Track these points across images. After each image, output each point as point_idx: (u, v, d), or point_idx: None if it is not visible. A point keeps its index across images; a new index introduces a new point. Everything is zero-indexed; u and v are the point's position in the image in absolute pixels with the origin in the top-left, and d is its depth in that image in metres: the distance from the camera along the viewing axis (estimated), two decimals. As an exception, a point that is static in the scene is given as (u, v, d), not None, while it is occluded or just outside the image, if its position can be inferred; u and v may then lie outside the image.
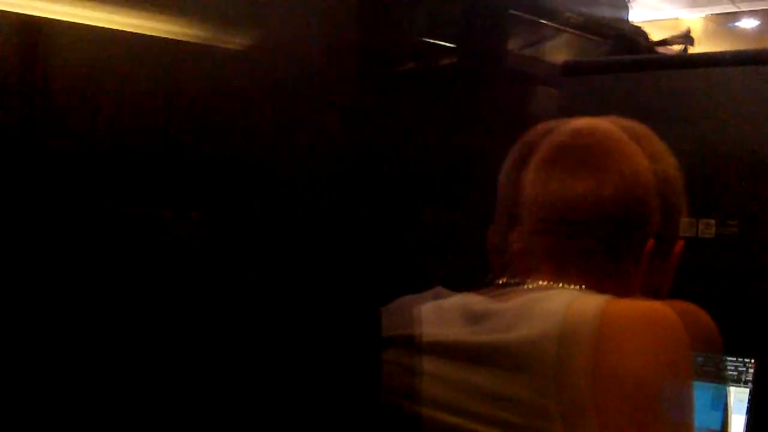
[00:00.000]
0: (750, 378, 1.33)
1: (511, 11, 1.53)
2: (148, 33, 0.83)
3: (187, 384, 0.81)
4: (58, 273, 0.85)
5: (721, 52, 1.50)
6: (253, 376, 0.81)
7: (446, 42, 1.08)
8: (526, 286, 1.06)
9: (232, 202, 0.81)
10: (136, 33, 0.84)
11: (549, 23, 1.85)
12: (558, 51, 1.87)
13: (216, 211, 0.82)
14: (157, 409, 0.81)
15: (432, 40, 1.05)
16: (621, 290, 1.02)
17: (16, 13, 0.80)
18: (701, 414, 1.09)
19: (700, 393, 1.03)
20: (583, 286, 1.04)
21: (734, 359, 1.31)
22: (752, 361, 1.33)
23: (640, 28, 2.17)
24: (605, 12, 2.06)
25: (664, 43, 2.24)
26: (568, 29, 1.92)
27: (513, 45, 1.70)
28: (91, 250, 0.84)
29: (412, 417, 1.02)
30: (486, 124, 1.19)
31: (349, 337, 0.82)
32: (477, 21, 1.10)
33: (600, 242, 1.05)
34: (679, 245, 1.11)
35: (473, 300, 1.06)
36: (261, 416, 0.81)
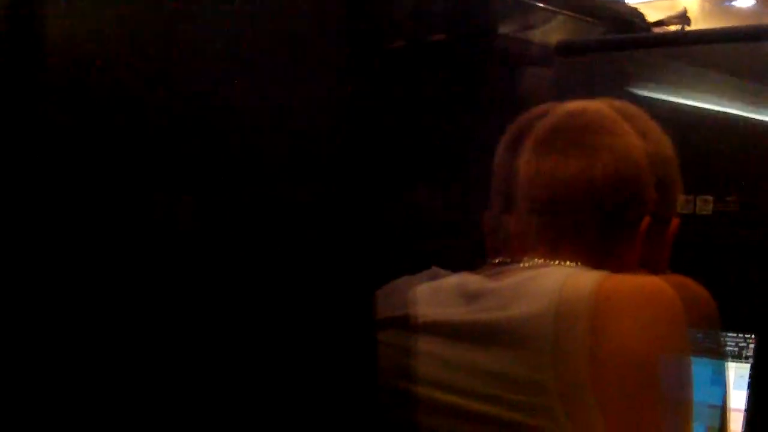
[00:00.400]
0: (750, 354, 1.34)
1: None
2: None
3: (182, 368, 0.81)
4: (53, 263, 0.86)
5: (716, 29, 1.50)
6: (247, 360, 0.81)
7: (437, 19, 1.09)
8: (521, 265, 1.06)
9: (222, 186, 0.81)
10: None
11: (544, 5, 1.84)
12: (553, 33, 1.86)
13: (206, 195, 0.82)
14: (150, 392, 0.81)
15: (422, 17, 1.05)
16: (617, 267, 1.03)
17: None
18: (701, 390, 1.09)
19: (700, 369, 1.04)
20: (579, 264, 1.04)
21: (734, 335, 1.31)
22: (753, 336, 1.33)
23: (636, 9, 2.16)
24: (601, -7, 2.06)
25: (660, 23, 2.24)
26: (563, 11, 1.91)
27: (508, 27, 1.70)
28: (83, 237, 0.85)
29: (409, 397, 1.02)
30: (478, 104, 1.19)
31: (345, 319, 0.83)
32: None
33: (593, 220, 1.05)
34: (675, 223, 1.11)
35: (469, 279, 1.07)
36: (256, 400, 0.81)
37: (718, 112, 1.44)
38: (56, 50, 0.92)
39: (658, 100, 1.21)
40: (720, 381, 1.24)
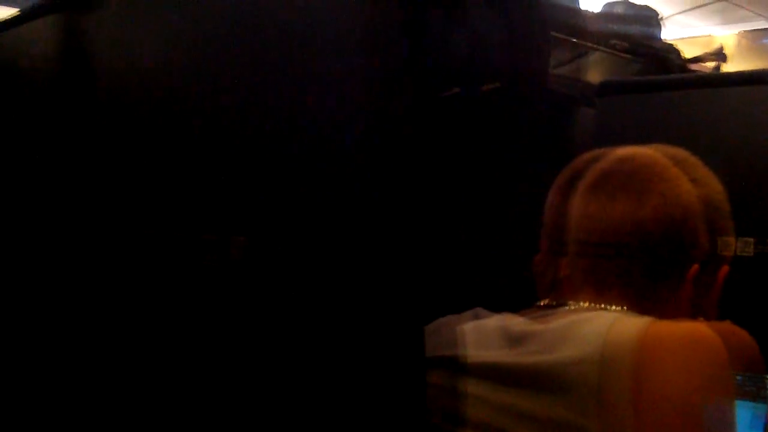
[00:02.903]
0: (791, 397, 1.32)
1: (553, 33, 1.54)
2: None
3: (232, 409, 0.82)
4: (104, 298, 0.87)
5: (757, 71, 1.50)
6: (300, 398, 0.81)
7: (489, 66, 1.10)
8: (567, 308, 1.06)
9: (276, 224, 0.82)
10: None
11: (584, 43, 1.85)
12: (591, 70, 1.87)
13: (260, 234, 0.83)
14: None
15: (475, 65, 1.07)
16: (664, 313, 1.02)
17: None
18: (741, 433, 1.09)
19: (740, 412, 1.03)
20: (626, 308, 1.04)
21: (775, 378, 1.30)
22: (794, 379, 1.32)
23: (672, 45, 2.17)
24: (638, 30, 2.06)
25: (697, 60, 2.24)
26: (601, 48, 1.92)
27: (550, 65, 1.71)
28: (134, 276, 0.86)
29: None
30: (528, 145, 1.20)
31: (395, 357, 0.83)
32: (519, 44, 1.11)
33: (641, 264, 1.05)
34: (725, 269, 1.11)
35: (513, 321, 1.07)
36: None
37: (759, 151, 1.44)
38: (107, 86, 0.94)
39: (698, 139, 1.21)
40: (759, 424, 1.23)
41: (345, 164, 0.80)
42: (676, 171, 1.09)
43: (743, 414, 1.17)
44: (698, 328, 0.97)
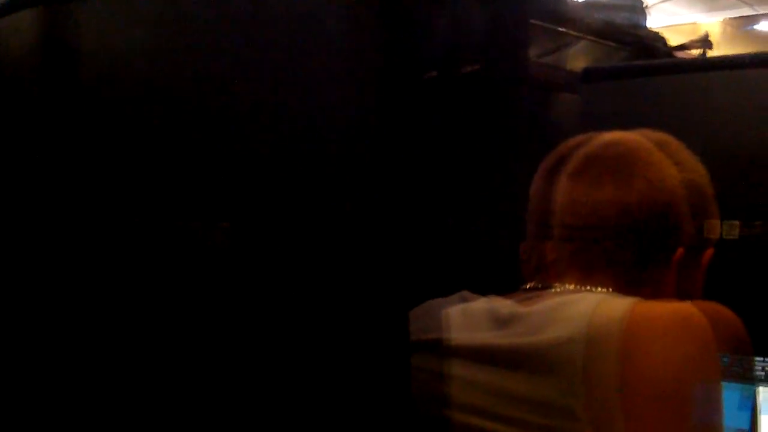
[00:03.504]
0: (779, 378, 1.33)
1: (532, 20, 1.55)
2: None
3: (215, 391, 0.82)
4: (90, 285, 0.87)
5: (740, 55, 1.51)
6: (282, 383, 0.81)
7: (469, 50, 1.10)
8: (553, 290, 1.07)
9: (259, 210, 0.82)
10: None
11: (568, 31, 1.86)
12: (576, 58, 1.87)
13: (244, 220, 0.83)
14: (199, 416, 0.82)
15: (455, 49, 1.07)
16: (649, 295, 1.03)
17: None
18: (729, 414, 1.09)
19: (728, 393, 1.04)
20: (611, 290, 1.05)
21: (762, 359, 1.30)
22: (782, 360, 1.32)
23: (658, 33, 2.17)
24: (623, 18, 2.07)
25: (682, 47, 2.25)
26: (586, 36, 1.92)
27: (533, 53, 1.71)
28: (120, 264, 0.86)
29: (440, 421, 1.03)
30: (508, 130, 1.21)
31: (379, 341, 0.83)
32: (500, 30, 1.12)
33: (627, 247, 1.06)
34: (709, 252, 1.11)
35: (500, 304, 1.07)
36: (292, 424, 0.82)
37: (745, 136, 1.44)
38: (90, 71, 0.94)
39: (683, 124, 1.22)
40: (748, 405, 1.24)
41: (327, 148, 0.80)
42: (660, 155, 1.09)
43: (731, 395, 1.17)
44: (684, 308, 0.97)
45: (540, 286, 1.09)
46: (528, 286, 1.11)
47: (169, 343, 0.84)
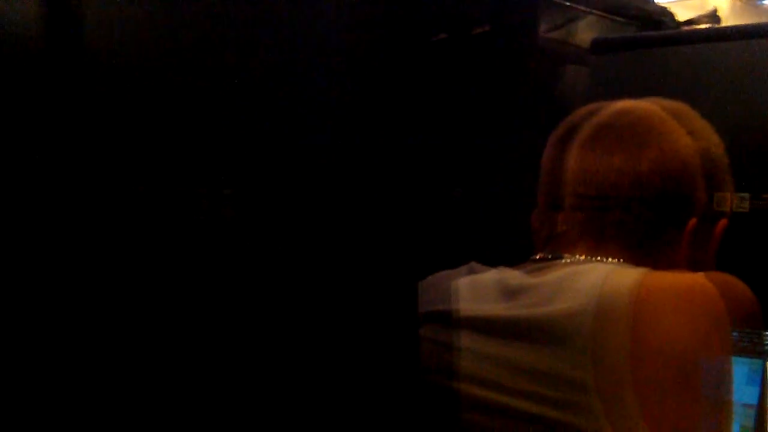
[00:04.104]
0: (788, 353, 1.32)
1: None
2: None
3: (221, 360, 0.81)
4: (90, 252, 0.86)
5: (750, 25, 1.50)
6: (289, 354, 0.81)
7: (479, 12, 1.09)
8: (563, 261, 1.06)
9: (265, 177, 0.81)
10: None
11: (576, 5, 1.84)
12: (585, 32, 1.86)
13: (249, 190, 0.82)
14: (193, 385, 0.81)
15: (464, 11, 1.05)
16: (661, 266, 1.02)
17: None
18: (737, 389, 1.09)
19: (737, 368, 1.03)
20: (622, 261, 1.04)
21: (772, 333, 1.30)
22: (791, 336, 1.32)
23: (666, 8, 2.16)
24: (631, -7, 2.06)
25: (690, 22, 2.24)
26: (594, 11, 1.91)
27: (542, 27, 1.70)
28: (122, 232, 0.85)
29: (448, 392, 1.02)
30: (517, 98, 1.20)
31: (387, 312, 0.82)
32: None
33: (638, 218, 1.05)
34: (723, 223, 1.10)
35: (509, 275, 1.06)
36: (298, 393, 0.81)
37: (755, 107, 1.43)
38: (95, 45, 0.93)
39: (692, 95, 1.20)
40: (757, 380, 1.23)
41: (334, 114, 0.79)
42: (673, 124, 1.08)
43: (740, 370, 1.17)
44: (695, 279, 0.96)
45: (550, 256, 1.08)
46: (538, 257, 1.10)
47: (173, 309, 0.83)
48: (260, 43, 0.80)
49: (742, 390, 1.20)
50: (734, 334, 1.06)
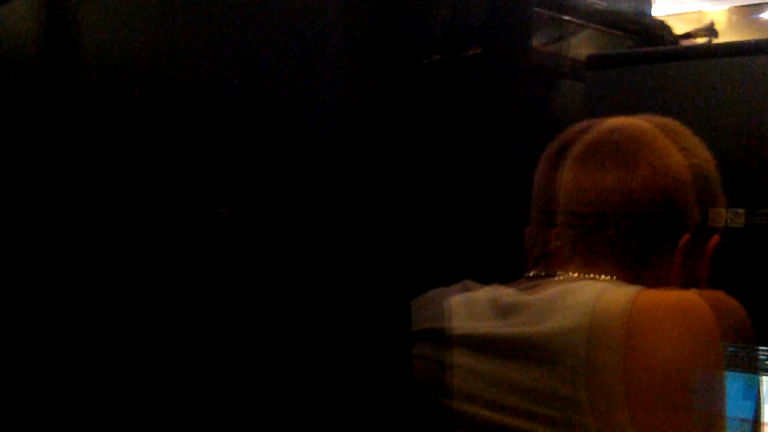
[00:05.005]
0: (783, 367, 1.33)
1: (535, 8, 1.54)
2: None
3: (211, 369, 0.81)
4: (87, 271, 0.86)
5: (746, 41, 1.50)
6: (282, 373, 0.81)
7: (471, 34, 1.09)
8: (556, 279, 1.06)
9: (260, 197, 0.82)
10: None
11: (572, 19, 1.85)
12: (581, 46, 1.86)
13: (244, 207, 0.82)
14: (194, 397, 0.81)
15: (457, 32, 1.06)
16: (654, 283, 1.02)
17: None
18: (733, 404, 1.09)
19: (732, 382, 1.03)
20: (615, 278, 1.04)
21: (766, 348, 1.30)
22: (786, 350, 1.32)
23: (663, 22, 2.16)
24: (627, 7, 2.06)
25: (687, 36, 2.24)
26: (590, 24, 1.91)
27: (537, 41, 1.70)
28: (119, 250, 0.85)
29: (442, 410, 1.02)
30: (512, 116, 1.20)
31: (381, 330, 0.83)
32: (501, 12, 1.11)
33: (631, 235, 1.05)
34: (715, 239, 1.10)
35: (503, 293, 1.07)
36: (293, 411, 0.81)
37: (750, 123, 1.43)
38: (91, 62, 0.93)
39: (688, 111, 1.21)
40: (752, 395, 1.23)
41: (328, 134, 0.80)
42: (665, 141, 1.08)
43: (736, 385, 1.17)
44: (688, 297, 0.97)
45: (543, 273, 1.08)
46: (531, 274, 1.10)
47: (169, 326, 0.84)
48: (254, 66, 0.81)
49: (738, 405, 1.20)
50: (730, 349, 1.06)
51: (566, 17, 1.83)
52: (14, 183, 0.94)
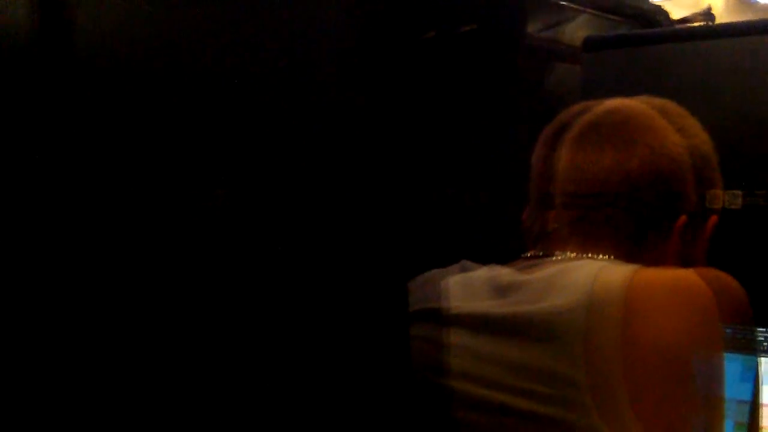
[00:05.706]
0: (782, 349, 1.32)
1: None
2: None
3: (212, 359, 0.81)
4: (84, 251, 0.86)
5: (743, 22, 1.50)
6: (279, 353, 0.81)
7: (468, 10, 1.09)
8: (554, 258, 1.06)
9: (256, 178, 0.81)
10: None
11: (569, 4, 1.85)
12: (578, 31, 1.86)
13: (239, 186, 0.82)
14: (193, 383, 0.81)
15: (453, 8, 1.06)
16: (651, 263, 1.02)
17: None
18: (731, 385, 1.09)
19: (730, 364, 1.03)
20: (612, 257, 1.04)
21: (765, 329, 1.30)
22: (784, 331, 1.32)
23: (660, 6, 2.16)
24: (625, -9, 2.06)
25: (684, 21, 2.24)
26: (588, 9, 1.91)
27: (534, 26, 1.70)
28: (116, 233, 0.85)
29: (440, 390, 1.02)
30: (507, 97, 1.20)
31: (378, 310, 0.83)
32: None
33: (628, 214, 1.05)
34: (713, 220, 1.11)
35: (500, 272, 1.07)
36: (290, 392, 0.81)
37: (747, 105, 1.44)
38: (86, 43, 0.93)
39: (685, 93, 1.21)
40: (750, 376, 1.23)
41: (323, 114, 0.79)
42: (662, 122, 1.08)
43: (733, 367, 1.17)
44: (686, 275, 0.97)
45: (541, 253, 1.08)
46: (529, 254, 1.10)
47: (166, 307, 0.83)
48: (247, 45, 0.81)
49: (736, 386, 1.20)
50: (728, 330, 1.06)
51: (563, 2, 1.83)
52: (12, 180, 0.94)
